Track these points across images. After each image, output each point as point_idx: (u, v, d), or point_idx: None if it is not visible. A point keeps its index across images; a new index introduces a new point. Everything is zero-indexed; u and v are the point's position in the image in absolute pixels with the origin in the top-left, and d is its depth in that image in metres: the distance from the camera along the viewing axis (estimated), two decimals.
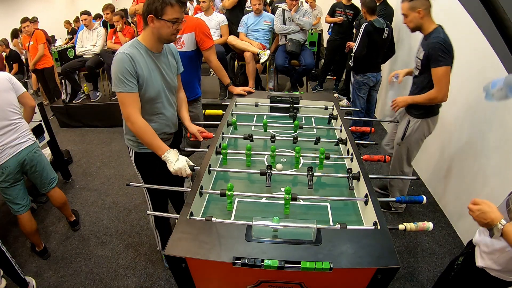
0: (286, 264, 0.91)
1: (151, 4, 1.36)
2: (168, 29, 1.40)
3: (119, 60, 1.37)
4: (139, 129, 1.42)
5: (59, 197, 2.28)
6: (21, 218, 2.03)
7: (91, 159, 3.52)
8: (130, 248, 2.26)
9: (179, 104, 1.78)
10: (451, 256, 2.11)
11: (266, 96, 2.13)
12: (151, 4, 1.36)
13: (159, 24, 1.39)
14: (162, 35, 1.42)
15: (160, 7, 1.35)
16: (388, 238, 1.00)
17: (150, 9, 1.36)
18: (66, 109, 4.25)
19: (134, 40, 1.47)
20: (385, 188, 2.62)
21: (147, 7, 1.37)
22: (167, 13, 1.37)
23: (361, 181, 1.33)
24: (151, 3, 1.36)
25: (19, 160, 1.94)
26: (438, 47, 1.82)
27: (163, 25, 1.39)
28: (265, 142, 1.79)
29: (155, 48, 1.48)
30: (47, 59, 4.65)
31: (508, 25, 0.52)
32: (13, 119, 1.93)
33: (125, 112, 1.42)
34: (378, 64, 3.18)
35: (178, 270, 0.99)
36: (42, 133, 2.76)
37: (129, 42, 1.46)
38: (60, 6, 9.36)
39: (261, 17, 3.65)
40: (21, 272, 1.89)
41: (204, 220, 1.09)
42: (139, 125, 1.42)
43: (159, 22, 1.38)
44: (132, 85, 1.39)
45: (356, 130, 1.87)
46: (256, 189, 1.41)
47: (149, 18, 1.38)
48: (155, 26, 1.40)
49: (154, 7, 1.36)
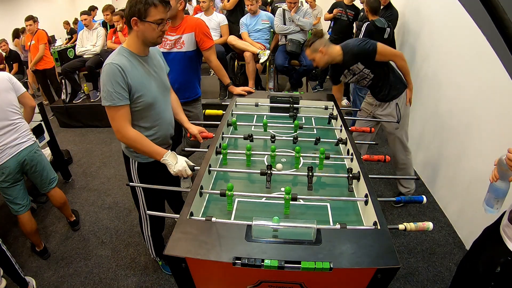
0: (286, 264, 0.90)
1: (134, 6, 1.31)
2: (153, 31, 1.36)
3: (108, 73, 1.32)
4: (132, 140, 1.39)
5: (59, 197, 2.28)
6: (21, 218, 2.03)
7: (91, 159, 3.52)
8: (130, 248, 2.26)
9: (174, 107, 1.74)
10: (451, 256, 2.11)
11: (266, 96, 2.13)
12: (134, 6, 1.31)
13: (144, 26, 1.35)
14: (147, 38, 1.38)
15: (143, 8, 1.31)
16: (388, 238, 1.00)
17: (133, 11, 1.32)
18: (66, 109, 4.25)
19: (120, 48, 1.42)
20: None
21: (129, 10, 1.33)
22: (151, 15, 1.33)
23: (361, 181, 1.32)
24: (134, 5, 1.31)
25: (19, 160, 1.94)
26: (357, 46, 1.99)
27: (148, 27, 1.35)
28: (265, 142, 1.79)
29: (142, 52, 1.44)
30: (47, 59, 4.64)
31: (508, 25, 0.52)
32: (13, 119, 1.93)
33: (114, 126, 1.38)
34: None
35: (178, 270, 0.99)
36: (42, 133, 2.76)
37: (115, 51, 1.41)
38: (60, 6, 9.35)
39: (258, 17, 3.65)
40: (21, 271, 1.89)
41: (204, 220, 1.09)
42: (131, 136, 1.39)
43: (143, 25, 1.34)
44: (122, 97, 1.34)
45: (356, 130, 1.87)
46: (256, 189, 1.41)
47: (133, 21, 1.34)
48: (139, 29, 1.36)
49: (137, 9, 1.31)
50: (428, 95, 2.93)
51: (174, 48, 2.14)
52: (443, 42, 2.65)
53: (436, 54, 2.74)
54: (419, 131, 3.08)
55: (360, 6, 4.13)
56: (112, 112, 1.36)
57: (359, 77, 2.15)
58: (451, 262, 2.09)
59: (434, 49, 2.77)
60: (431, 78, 2.85)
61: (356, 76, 2.13)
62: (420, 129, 3.06)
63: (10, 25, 6.53)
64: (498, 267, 1.21)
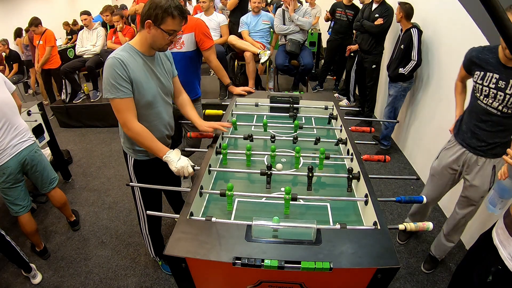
0: (286, 264, 0.90)
1: (152, 9, 1.30)
2: (163, 39, 1.37)
3: (110, 65, 1.31)
4: (137, 134, 1.39)
5: (60, 197, 2.27)
6: (21, 219, 2.03)
7: (91, 159, 3.52)
8: (130, 248, 2.26)
9: (184, 106, 1.74)
10: (451, 256, 2.11)
11: (266, 96, 2.13)
12: (152, 9, 1.30)
13: (156, 32, 1.35)
14: (155, 43, 1.39)
15: (161, 15, 1.30)
16: (388, 238, 1.00)
17: (150, 14, 1.31)
18: (66, 109, 4.25)
19: (126, 45, 1.42)
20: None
21: (147, 11, 1.32)
22: (166, 23, 1.32)
23: (361, 181, 1.32)
24: (153, 8, 1.30)
25: (19, 160, 1.93)
26: None
27: (159, 34, 1.35)
28: (265, 142, 1.79)
29: (147, 51, 1.44)
30: (54, 59, 4.60)
31: (508, 25, 0.52)
32: (12, 119, 1.91)
33: (121, 119, 1.38)
34: None
35: (178, 270, 0.99)
36: (42, 133, 2.76)
37: (120, 47, 1.42)
38: (60, 6, 9.35)
39: (259, 16, 3.65)
40: (26, 257, 1.98)
41: (204, 220, 1.09)
42: (136, 130, 1.39)
43: (156, 30, 1.34)
44: (126, 90, 1.34)
45: (356, 130, 1.87)
46: (256, 189, 1.41)
47: (147, 23, 1.33)
48: (150, 33, 1.36)
49: (154, 14, 1.30)
50: (427, 95, 2.94)
51: (174, 48, 2.14)
52: (443, 40, 2.65)
53: (434, 50, 2.75)
54: (419, 131, 3.08)
55: (360, 6, 4.13)
56: (117, 105, 1.36)
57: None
58: (451, 262, 2.10)
59: (434, 46, 2.77)
60: (429, 77, 2.85)
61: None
62: (420, 129, 3.06)
63: (10, 25, 6.53)
64: (490, 276, 1.20)
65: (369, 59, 3.74)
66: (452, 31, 2.48)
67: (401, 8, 2.86)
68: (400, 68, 2.92)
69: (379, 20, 3.43)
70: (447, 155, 1.81)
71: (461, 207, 1.81)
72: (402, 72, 2.89)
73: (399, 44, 2.97)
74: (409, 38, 2.81)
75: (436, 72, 2.75)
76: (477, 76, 1.54)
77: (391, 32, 3.63)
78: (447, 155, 1.80)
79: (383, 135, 3.36)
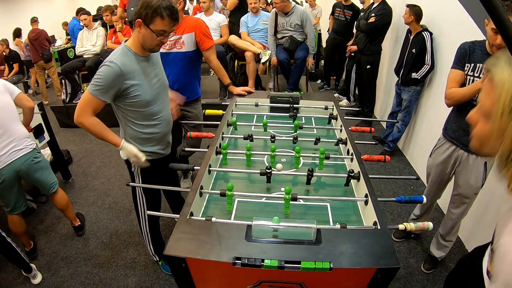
0: (286, 264, 0.90)
1: (143, 9, 1.32)
2: (152, 40, 1.38)
3: (110, 71, 1.34)
4: (91, 125, 1.41)
5: (61, 199, 2.25)
6: (13, 218, 2.03)
7: (91, 159, 3.52)
8: (130, 248, 2.26)
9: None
10: (451, 256, 2.11)
11: (266, 96, 2.13)
12: (143, 9, 1.32)
13: (145, 31, 1.36)
14: (145, 42, 1.40)
15: (150, 15, 1.32)
16: (388, 238, 1.00)
17: (140, 13, 1.33)
18: (66, 109, 4.25)
19: (123, 47, 1.43)
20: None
21: (138, 10, 1.34)
22: (155, 23, 1.34)
23: (361, 181, 1.32)
24: (144, 7, 1.32)
25: (14, 169, 1.89)
26: None
27: (148, 34, 1.36)
28: (265, 142, 1.79)
29: (141, 52, 1.45)
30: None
31: (508, 25, 0.52)
32: (8, 125, 1.87)
33: (79, 107, 1.39)
34: None
35: (178, 270, 0.99)
36: (42, 133, 2.76)
37: (119, 49, 1.42)
38: (60, 6, 9.35)
39: (259, 16, 3.63)
40: (26, 258, 1.97)
41: (204, 220, 1.09)
42: (90, 121, 1.40)
43: (145, 30, 1.36)
44: (107, 96, 1.37)
45: (356, 130, 1.87)
46: (256, 189, 1.41)
47: (137, 22, 1.35)
48: (141, 32, 1.37)
49: (144, 13, 1.32)
50: (427, 95, 2.94)
51: (174, 48, 2.14)
52: (443, 41, 2.65)
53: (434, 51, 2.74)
54: (419, 131, 3.08)
55: (360, 6, 4.13)
56: (89, 99, 1.37)
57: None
58: (451, 262, 2.10)
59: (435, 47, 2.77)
60: (430, 78, 2.85)
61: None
62: (420, 129, 3.06)
63: (10, 25, 6.53)
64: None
65: (364, 58, 3.73)
66: (453, 34, 2.48)
67: (411, 11, 2.77)
68: (413, 73, 2.84)
69: (372, 18, 3.42)
70: (439, 152, 1.86)
71: (455, 206, 1.84)
72: (415, 77, 2.83)
73: (409, 48, 2.86)
74: (421, 42, 2.73)
75: (437, 72, 2.75)
76: (468, 69, 1.59)
77: (392, 33, 3.63)
78: (439, 153, 1.86)
79: (393, 137, 3.27)
